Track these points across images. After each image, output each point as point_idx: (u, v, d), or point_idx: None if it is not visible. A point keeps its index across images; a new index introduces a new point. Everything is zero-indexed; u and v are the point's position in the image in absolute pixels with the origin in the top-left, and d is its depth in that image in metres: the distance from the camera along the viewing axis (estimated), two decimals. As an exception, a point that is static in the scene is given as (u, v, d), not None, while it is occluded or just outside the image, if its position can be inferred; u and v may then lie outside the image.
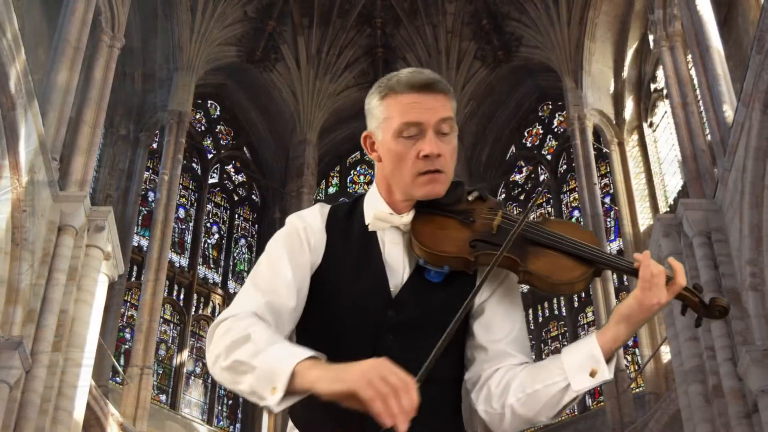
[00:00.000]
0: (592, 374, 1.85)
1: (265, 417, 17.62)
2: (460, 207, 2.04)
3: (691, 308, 1.94)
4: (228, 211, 20.94)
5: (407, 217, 2.01)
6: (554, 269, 1.93)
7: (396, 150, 1.97)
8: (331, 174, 22.55)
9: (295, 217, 2.09)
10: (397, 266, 1.99)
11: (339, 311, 1.96)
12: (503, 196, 20.91)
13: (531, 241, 1.97)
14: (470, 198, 2.07)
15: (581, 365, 1.86)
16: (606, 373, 1.85)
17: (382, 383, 1.61)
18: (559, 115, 21.01)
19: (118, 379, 15.73)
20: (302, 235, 2.02)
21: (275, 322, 1.89)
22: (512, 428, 1.93)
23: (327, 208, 2.11)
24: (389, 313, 1.94)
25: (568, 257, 1.95)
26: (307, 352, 1.71)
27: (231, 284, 19.71)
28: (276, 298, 1.91)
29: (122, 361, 16.23)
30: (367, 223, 2.02)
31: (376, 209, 2.03)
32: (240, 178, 21.55)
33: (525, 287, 2.05)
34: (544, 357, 17.29)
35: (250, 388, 1.75)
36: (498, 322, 1.99)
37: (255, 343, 1.76)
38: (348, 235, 2.05)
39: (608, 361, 1.87)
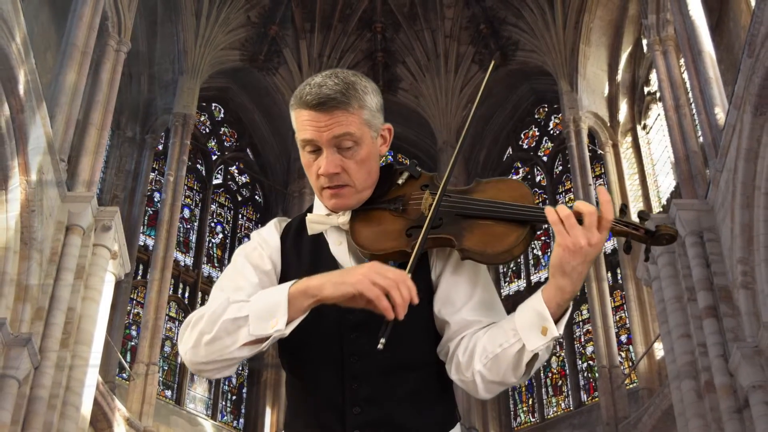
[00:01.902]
0: (543, 332, 1.77)
1: (268, 411, 17.62)
2: (392, 195, 1.98)
3: (637, 240, 1.78)
4: (232, 212, 20.93)
5: (344, 217, 1.97)
6: (488, 240, 1.83)
7: (304, 162, 1.98)
8: (333, 175, 22.52)
9: (255, 233, 2.09)
10: (347, 266, 1.96)
11: (306, 318, 1.89)
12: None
13: (462, 215, 1.88)
14: (400, 181, 1.99)
15: (531, 324, 1.78)
16: (554, 330, 1.76)
17: (384, 280, 1.71)
18: (554, 117, 21.00)
19: (124, 375, 15.72)
20: (262, 248, 2.03)
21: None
22: (488, 391, 1.89)
23: (285, 222, 2.11)
24: (347, 315, 1.89)
25: (501, 223, 1.84)
26: (291, 282, 1.78)
27: (235, 282, 19.67)
28: (242, 297, 1.89)
29: (128, 358, 16.22)
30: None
31: (314, 212, 2.03)
32: (243, 179, 21.54)
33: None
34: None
35: (247, 339, 1.77)
36: (454, 293, 1.93)
37: (236, 303, 1.81)
38: (300, 243, 2.04)
39: (561, 316, 1.79)
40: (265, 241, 2.04)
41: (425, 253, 1.92)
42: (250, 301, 1.80)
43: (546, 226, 1.83)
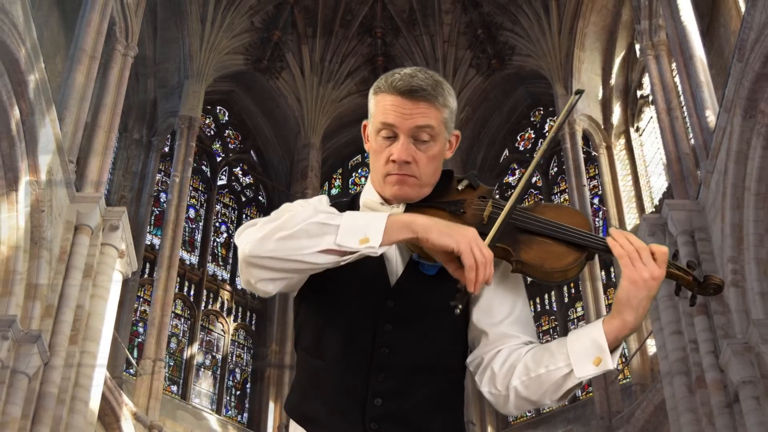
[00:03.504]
0: (596, 362, 1.76)
1: (272, 406, 17.62)
2: (451, 198, 1.96)
3: (685, 286, 1.82)
4: (236, 212, 20.92)
5: (398, 209, 1.93)
6: (546, 257, 1.83)
7: (374, 147, 1.94)
8: (334, 176, 22.53)
9: (302, 200, 2.03)
10: (392, 258, 1.92)
11: (340, 299, 1.90)
12: (497, 197, 20.83)
13: (521, 229, 1.87)
14: (460, 188, 1.98)
15: (586, 353, 1.77)
16: (609, 363, 1.76)
17: (479, 254, 1.70)
18: (550, 120, 21.00)
19: (131, 370, 15.72)
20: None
21: None
22: (517, 409, 1.87)
23: (330, 201, 2.03)
24: (388, 302, 1.87)
25: (560, 243, 1.85)
26: (388, 211, 1.78)
27: (239, 281, 19.69)
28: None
29: (135, 354, 16.22)
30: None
31: (367, 198, 1.99)
32: (247, 180, 21.54)
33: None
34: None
35: (329, 246, 1.72)
36: (497, 305, 1.91)
37: (325, 213, 1.76)
38: None
39: (614, 349, 1.78)
40: (315, 207, 1.92)
41: None
42: (342, 215, 1.75)
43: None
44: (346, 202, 2.03)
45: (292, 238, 1.73)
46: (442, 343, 1.89)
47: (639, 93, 18.75)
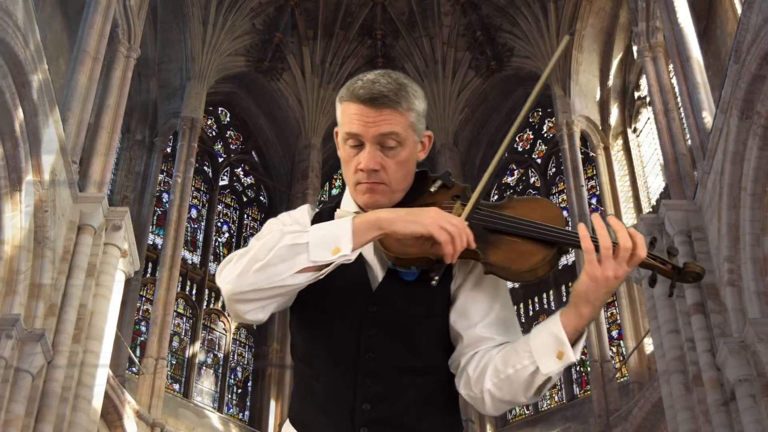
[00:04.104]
0: (559, 356, 1.72)
1: (273, 404, 17.62)
2: (422, 201, 1.90)
3: (663, 275, 1.74)
4: (237, 212, 20.92)
5: None
6: (514, 257, 1.77)
7: (343, 155, 1.92)
8: (335, 176, 22.52)
9: (285, 214, 2.02)
10: (373, 264, 1.90)
11: (324, 308, 1.88)
12: (495, 197, 20.87)
13: (491, 229, 1.82)
14: (433, 189, 1.92)
15: (547, 348, 1.73)
16: (571, 356, 1.72)
17: (451, 226, 1.72)
18: (548, 121, 21.00)
19: (134, 369, 15.72)
20: (296, 226, 1.94)
21: None
22: (495, 410, 1.83)
23: (315, 210, 2.03)
24: (370, 308, 1.85)
25: (529, 241, 1.78)
26: (352, 214, 1.77)
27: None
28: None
29: (138, 353, 16.22)
30: None
31: (343, 208, 1.96)
32: (249, 180, 21.53)
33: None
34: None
35: (305, 265, 1.71)
36: (472, 308, 1.87)
37: (292, 232, 1.75)
38: None
39: (576, 341, 1.73)
40: (297, 222, 1.95)
41: (450, 264, 1.83)
42: (308, 230, 1.75)
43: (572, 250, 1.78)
44: (330, 207, 2.01)
45: (268, 267, 1.72)
46: (427, 346, 1.86)
47: (636, 94, 18.75)
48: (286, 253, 1.72)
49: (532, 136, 21.45)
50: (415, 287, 1.85)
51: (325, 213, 1.99)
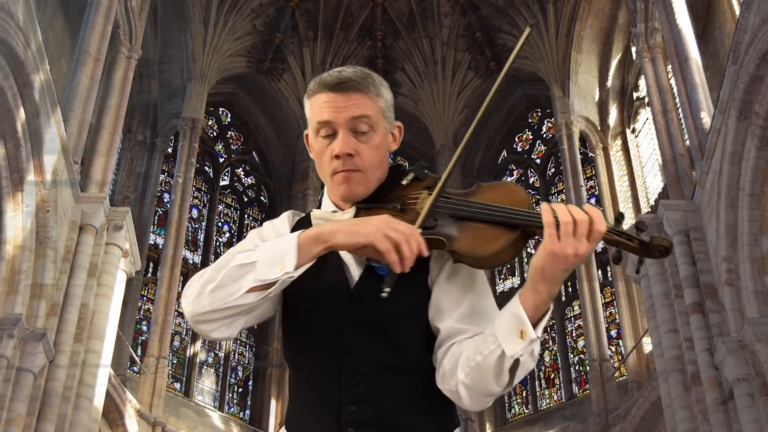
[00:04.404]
0: (522, 336, 1.66)
1: (273, 403, 17.62)
2: (394, 194, 1.89)
3: (630, 251, 1.68)
4: (238, 212, 20.92)
5: (347, 214, 1.89)
6: (477, 243, 1.74)
7: (316, 149, 1.91)
8: (335, 177, 22.51)
9: (268, 223, 2.02)
10: (350, 263, 1.88)
11: (305, 312, 1.87)
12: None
13: (456, 217, 1.79)
14: (405, 182, 1.90)
15: (510, 328, 1.67)
16: (531, 333, 1.65)
17: (396, 234, 1.69)
18: (547, 121, 21.00)
19: (135, 368, 15.72)
20: (274, 235, 1.95)
21: None
22: (473, 402, 1.77)
23: (297, 216, 2.03)
24: (349, 309, 1.83)
25: (492, 226, 1.75)
26: (300, 231, 1.75)
27: (241, 280, 19.65)
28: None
29: (139, 352, 16.22)
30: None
31: (320, 209, 1.95)
32: (249, 180, 21.53)
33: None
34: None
35: (253, 284, 1.72)
36: (444, 300, 1.83)
37: (243, 252, 1.76)
38: None
39: (539, 319, 1.68)
40: (276, 231, 1.97)
41: (427, 257, 1.80)
42: (256, 249, 1.76)
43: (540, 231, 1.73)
44: (309, 214, 2.00)
45: (220, 288, 1.75)
46: (409, 343, 1.83)
47: (635, 95, 18.75)
48: (235, 273, 1.74)
49: (531, 137, 21.45)
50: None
51: (306, 219, 1.99)
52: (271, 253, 1.73)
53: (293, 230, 1.96)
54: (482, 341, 1.73)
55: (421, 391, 1.84)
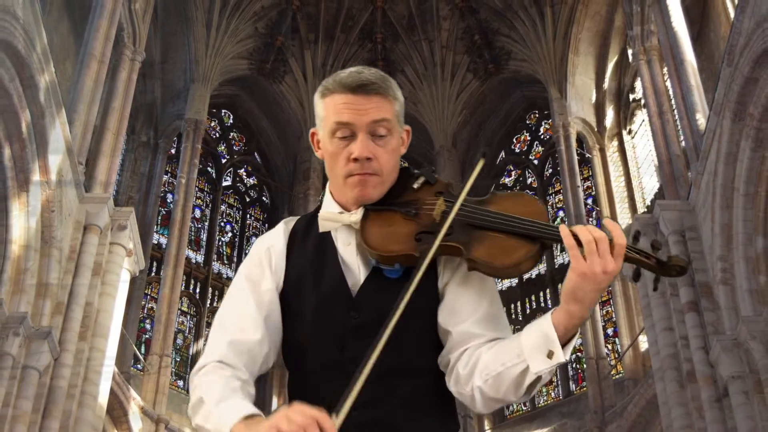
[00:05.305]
0: (549, 355, 1.65)
1: (274, 401, 17.62)
2: (406, 198, 1.85)
3: (647, 269, 1.69)
4: (240, 212, 20.92)
5: (356, 215, 1.84)
6: (497, 253, 1.71)
7: (330, 150, 1.85)
8: (336, 177, 22.51)
9: (259, 240, 1.97)
10: (354, 266, 1.84)
11: (306, 320, 1.83)
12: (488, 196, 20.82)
13: (474, 225, 1.76)
14: (416, 186, 1.87)
15: (538, 347, 1.66)
16: (560, 356, 1.64)
17: (289, 426, 1.50)
18: (545, 123, 20.99)
19: (139, 366, 15.72)
20: (264, 260, 1.90)
21: (244, 360, 1.81)
22: (485, 407, 1.76)
23: (292, 222, 1.97)
24: (351, 314, 1.79)
25: (512, 237, 1.73)
26: (242, 412, 1.65)
27: (243, 279, 19.64)
28: (240, 334, 1.82)
29: (143, 350, 16.22)
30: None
31: (325, 210, 1.89)
32: (251, 181, 21.53)
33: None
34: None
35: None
36: (460, 305, 1.80)
37: (206, 405, 1.72)
38: (306, 244, 1.91)
39: (569, 340, 1.66)
40: (267, 251, 1.91)
41: (434, 260, 1.78)
42: (211, 413, 1.71)
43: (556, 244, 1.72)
44: (309, 215, 1.97)
45: (203, 422, 1.74)
46: (412, 347, 1.78)
47: (631, 96, 18.75)
48: (199, 429, 1.74)
49: (529, 138, 21.45)
50: (401, 285, 1.75)
51: (302, 223, 1.96)
52: (218, 424, 1.68)
53: (291, 238, 1.93)
54: (504, 352, 1.71)
55: (424, 394, 1.81)
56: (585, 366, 16.37)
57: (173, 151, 19.03)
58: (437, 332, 1.83)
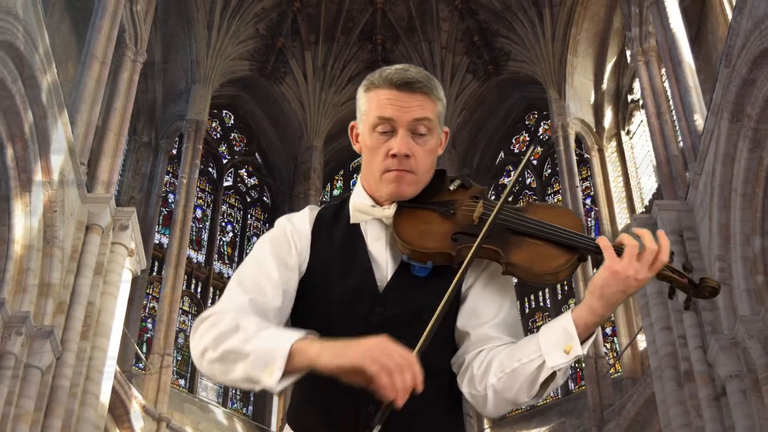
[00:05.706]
0: (567, 350, 1.65)
1: (276, 400, 17.62)
2: (442, 198, 1.86)
3: (680, 289, 1.71)
4: (241, 212, 20.93)
5: (389, 210, 1.84)
6: (536, 259, 1.73)
7: (369, 144, 1.84)
8: (336, 178, 22.53)
9: (284, 219, 1.93)
10: (382, 261, 1.83)
11: (328, 311, 1.80)
12: (492, 197, 20.66)
13: (512, 230, 1.77)
14: (452, 188, 1.89)
15: (556, 342, 1.67)
16: (579, 349, 1.65)
17: (388, 359, 1.52)
18: (544, 123, 20.99)
19: (140, 365, 15.72)
20: (289, 238, 1.87)
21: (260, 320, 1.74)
22: (496, 409, 1.76)
23: (316, 210, 1.95)
24: (377, 309, 1.78)
25: (551, 245, 1.75)
26: (301, 332, 1.60)
27: (244, 278, 19.64)
28: (260, 297, 1.76)
29: (144, 349, 16.22)
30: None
31: (357, 201, 1.88)
32: (252, 181, 21.54)
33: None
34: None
35: (244, 375, 1.61)
36: (482, 307, 1.81)
37: (245, 331, 1.63)
38: (333, 234, 1.88)
39: (587, 338, 1.68)
40: (295, 229, 1.88)
41: (460, 265, 1.75)
42: (258, 335, 1.62)
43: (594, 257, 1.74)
44: (335, 205, 1.95)
45: (218, 362, 1.66)
46: (432, 347, 1.72)
47: (630, 97, 18.75)
48: (230, 356, 1.63)
49: (528, 138, 21.46)
50: (426, 284, 1.78)
51: (329, 212, 1.93)
52: (266, 350, 1.59)
53: (315, 225, 1.90)
54: (520, 350, 1.72)
55: (438, 395, 1.80)
56: (583, 365, 16.37)
57: (174, 151, 19.03)
58: (454, 334, 1.83)
